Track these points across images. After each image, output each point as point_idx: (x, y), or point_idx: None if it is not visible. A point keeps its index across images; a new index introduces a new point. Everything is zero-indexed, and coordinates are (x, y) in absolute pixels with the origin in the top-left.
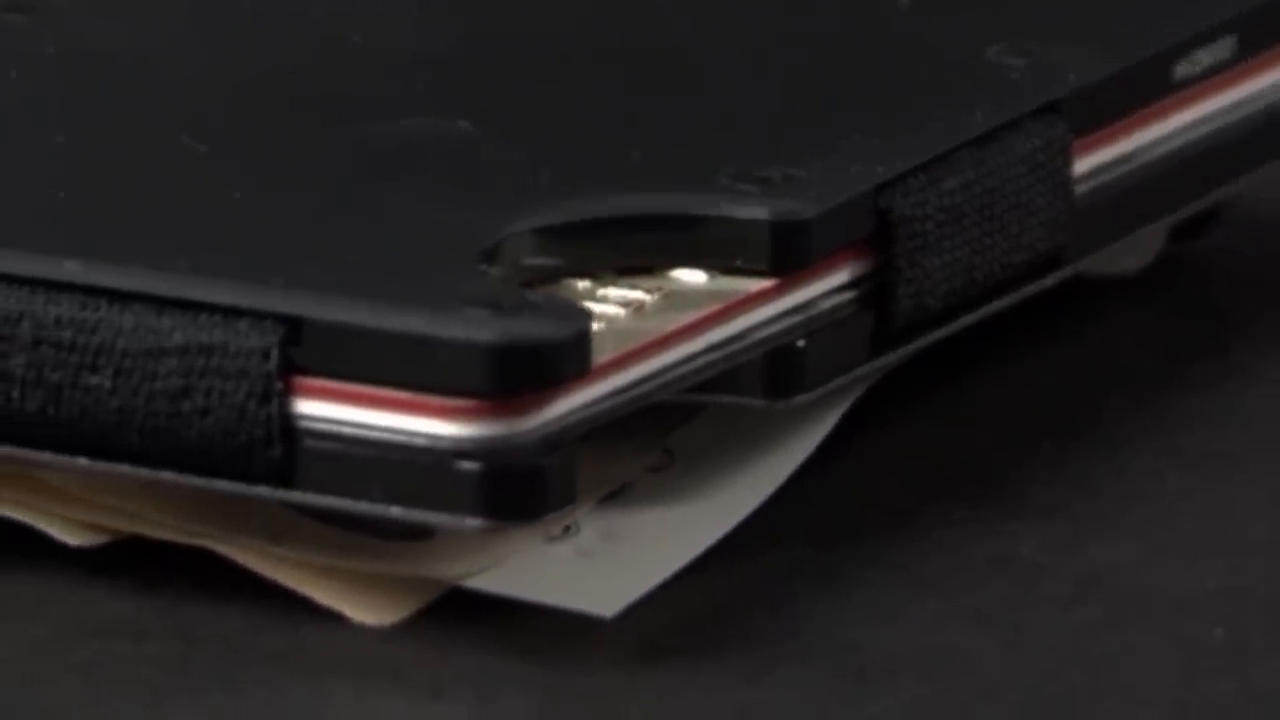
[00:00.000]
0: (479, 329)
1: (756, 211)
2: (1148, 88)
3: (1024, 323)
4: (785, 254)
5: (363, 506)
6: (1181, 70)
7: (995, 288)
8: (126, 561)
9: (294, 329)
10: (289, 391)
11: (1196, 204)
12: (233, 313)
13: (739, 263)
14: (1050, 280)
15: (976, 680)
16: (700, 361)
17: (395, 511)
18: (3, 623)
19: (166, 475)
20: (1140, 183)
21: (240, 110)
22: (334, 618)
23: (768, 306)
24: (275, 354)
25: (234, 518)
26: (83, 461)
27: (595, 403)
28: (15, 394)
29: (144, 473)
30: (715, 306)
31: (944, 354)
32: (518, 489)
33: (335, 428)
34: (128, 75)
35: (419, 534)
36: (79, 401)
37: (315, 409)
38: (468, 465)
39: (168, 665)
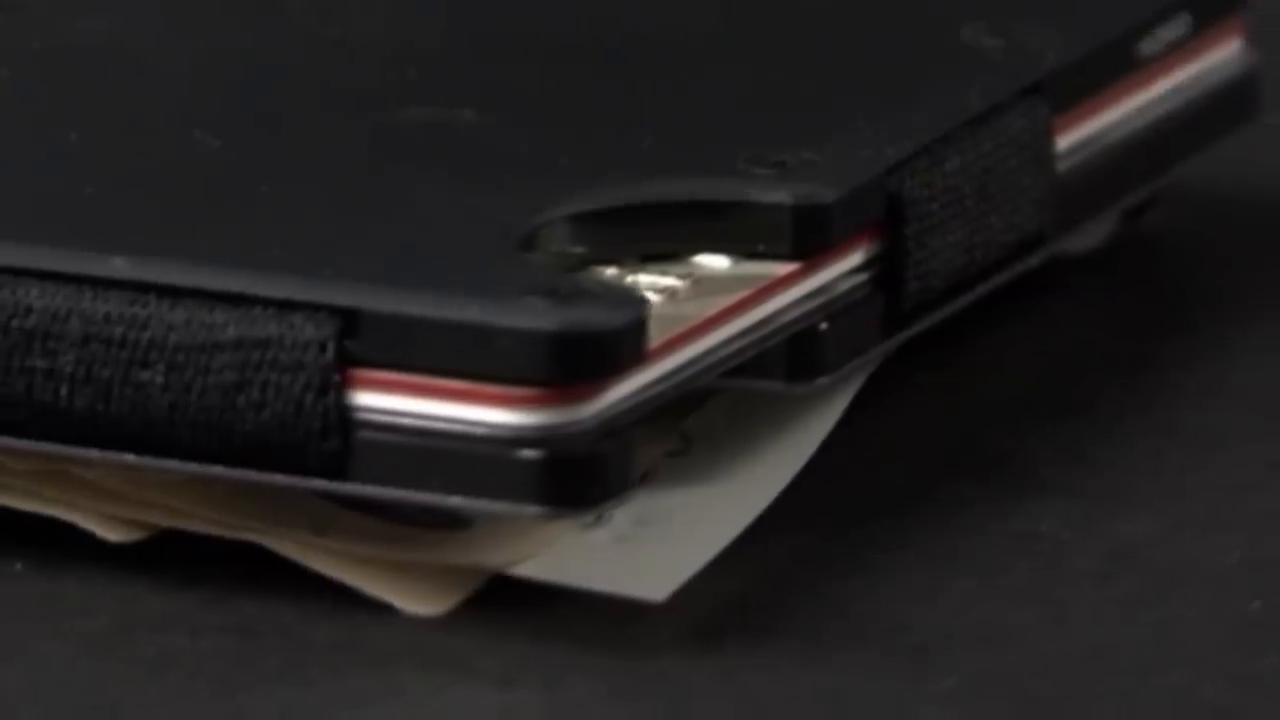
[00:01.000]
0: (540, 317)
1: (781, 196)
2: (1116, 66)
3: (996, 305)
4: (807, 238)
5: (420, 497)
6: (1144, 48)
7: (989, 268)
8: (163, 557)
9: (351, 321)
10: (346, 384)
11: (1161, 180)
12: (287, 306)
13: (761, 247)
14: (1035, 259)
15: (1034, 654)
16: (736, 345)
17: (455, 501)
18: (56, 620)
19: (218, 470)
20: (1111, 160)
21: (247, 104)
22: (382, 609)
23: (793, 290)
24: (332, 346)
25: (277, 511)
26: (131, 457)
27: (647, 388)
28: (64, 391)
29: (194, 468)
30: (747, 291)
31: (924, 337)
32: (578, 476)
33: (392, 419)
34: (126, 70)
35: (458, 524)
36: (130, 398)
37: (372, 400)
38: (529, 453)
39: (230, 659)
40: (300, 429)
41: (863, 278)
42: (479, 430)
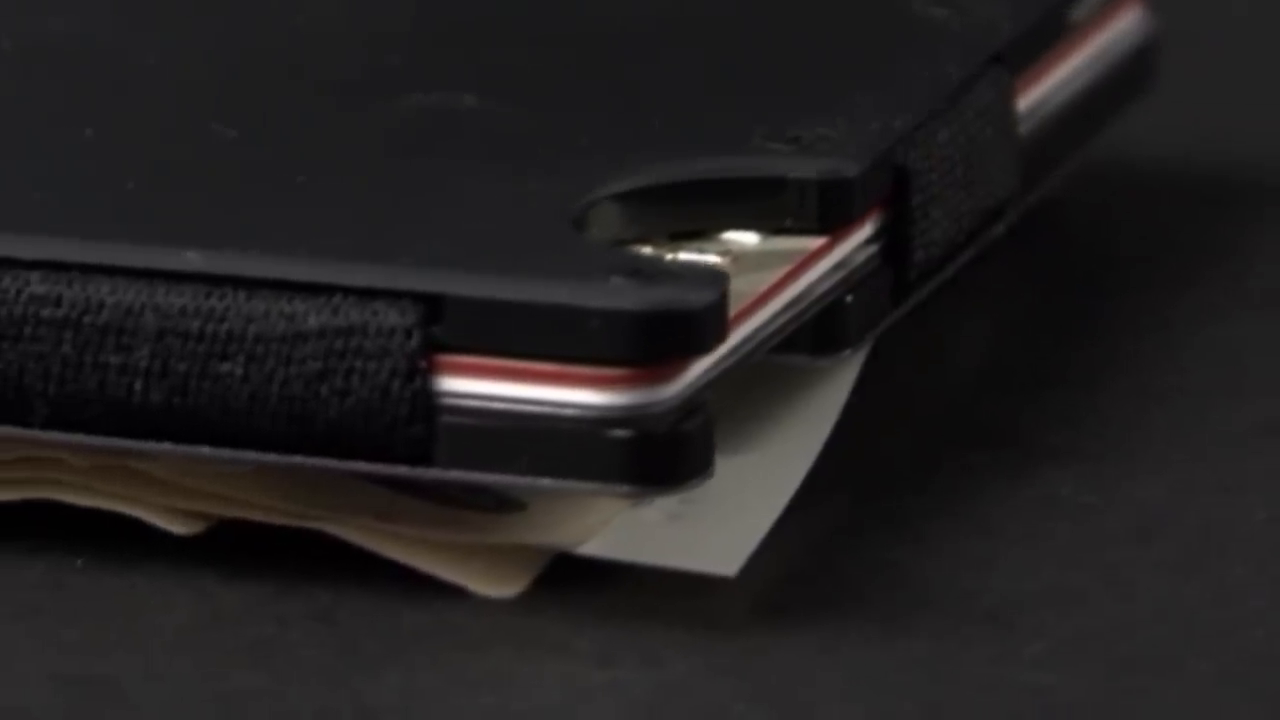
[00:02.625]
0: (627, 297)
1: (809, 170)
2: (1055, 32)
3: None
4: (833, 212)
5: (507, 480)
6: (1075, 14)
7: (971, 235)
8: (217, 548)
9: (434, 307)
10: (431, 369)
11: (1090, 144)
12: (368, 294)
13: (789, 222)
14: (1002, 226)
15: (1105, 617)
16: (783, 320)
17: (544, 483)
18: (137, 615)
19: (298, 459)
20: (1054, 125)
21: (247, 95)
22: (455, 593)
23: (823, 264)
24: (417, 333)
25: (338, 498)
26: (207, 450)
27: (718, 365)
28: (138, 386)
29: (274, 458)
30: (789, 266)
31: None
32: (666, 455)
33: (478, 403)
34: (118, 67)
35: (513, 506)
36: (208, 390)
37: (457, 385)
38: (618, 433)
39: (326, 646)
40: (386, 416)
41: (874, 249)
42: (566, 412)
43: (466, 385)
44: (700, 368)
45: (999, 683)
